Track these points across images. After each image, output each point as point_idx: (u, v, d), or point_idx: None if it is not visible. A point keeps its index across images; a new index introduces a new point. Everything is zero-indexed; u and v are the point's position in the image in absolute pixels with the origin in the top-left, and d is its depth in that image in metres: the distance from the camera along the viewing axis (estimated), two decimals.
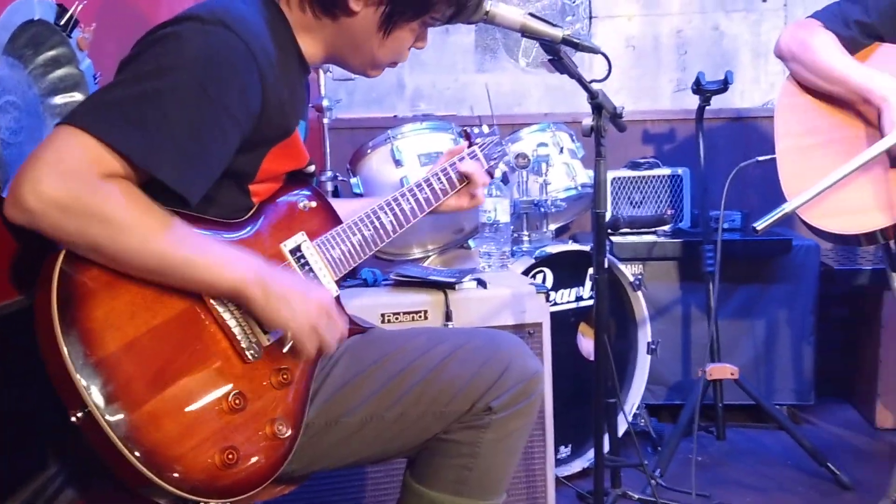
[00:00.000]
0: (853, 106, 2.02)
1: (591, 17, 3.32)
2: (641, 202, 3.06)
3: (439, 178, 1.59)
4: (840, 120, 2.04)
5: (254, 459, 1.17)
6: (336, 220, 1.44)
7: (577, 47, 1.57)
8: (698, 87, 2.77)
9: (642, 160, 3.08)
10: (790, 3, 3.23)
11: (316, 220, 1.38)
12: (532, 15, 1.52)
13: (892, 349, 2.84)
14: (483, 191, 1.63)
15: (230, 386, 1.17)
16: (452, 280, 1.99)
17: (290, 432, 1.22)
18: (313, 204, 1.39)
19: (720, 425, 2.75)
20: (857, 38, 2.03)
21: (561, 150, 2.69)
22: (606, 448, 2.23)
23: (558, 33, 1.55)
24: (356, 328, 1.43)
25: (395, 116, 3.25)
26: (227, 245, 1.22)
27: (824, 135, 2.05)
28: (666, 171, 3.04)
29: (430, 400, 1.35)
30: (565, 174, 2.66)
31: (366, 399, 1.34)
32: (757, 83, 3.27)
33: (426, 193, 1.57)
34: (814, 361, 2.95)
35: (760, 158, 2.34)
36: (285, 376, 1.23)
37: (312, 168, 1.42)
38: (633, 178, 3.05)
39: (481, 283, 2.03)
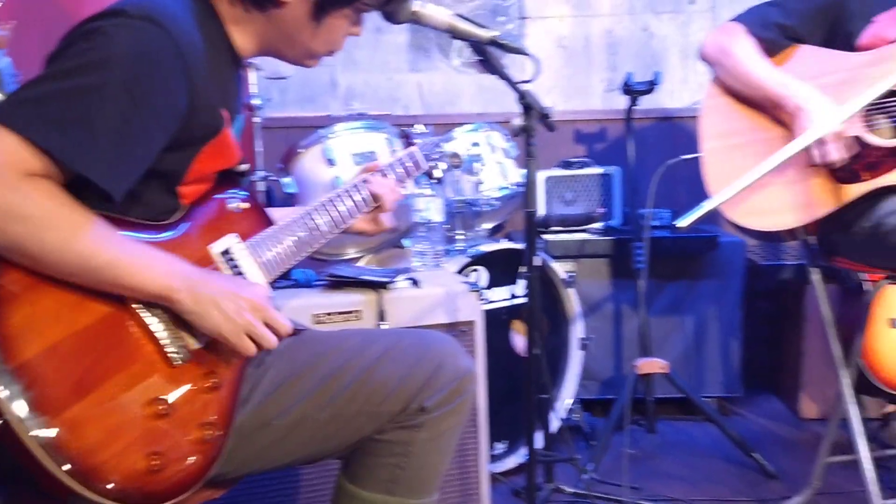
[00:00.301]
0: (771, 110, 2.09)
1: (522, 18, 3.35)
2: (574, 201, 3.10)
3: (358, 191, 1.56)
4: (762, 121, 2.10)
5: (180, 464, 1.16)
6: (269, 221, 1.43)
7: (505, 48, 1.59)
8: (627, 88, 2.83)
9: (574, 159, 3.12)
10: (717, 4, 3.32)
11: (248, 222, 1.36)
12: (460, 16, 1.53)
13: (814, 342, 2.94)
14: (389, 217, 1.60)
15: (155, 391, 1.15)
16: (385, 279, 1.99)
17: (218, 436, 1.20)
18: (245, 205, 1.38)
19: (651, 419, 2.81)
20: (777, 40, 2.09)
21: (494, 150, 2.71)
22: (541, 444, 2.27)
23: (485, 34, 1.56)
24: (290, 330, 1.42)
25: (328, 115, 3.23)
26: (155, 248, 1.19)
27: (747, 135, 2.11)
28: (597, 170, 3.09)
29: (363, 400, 1.35)
30: (498, 173, 2.68)
31: (298, 401, 1.33)
32: (686, 83, 3.34)
33: (364, 193, 1.56)
34: (741, 355, 3.04)
35: (686, 157, 2.40)
36: (214, 380, 1.22)
37: (245, 167, 1.40)
38: (566, 177, 3.09)
39: (414, 283, 2.04)
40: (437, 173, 1.73)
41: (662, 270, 2.96)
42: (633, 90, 2.84)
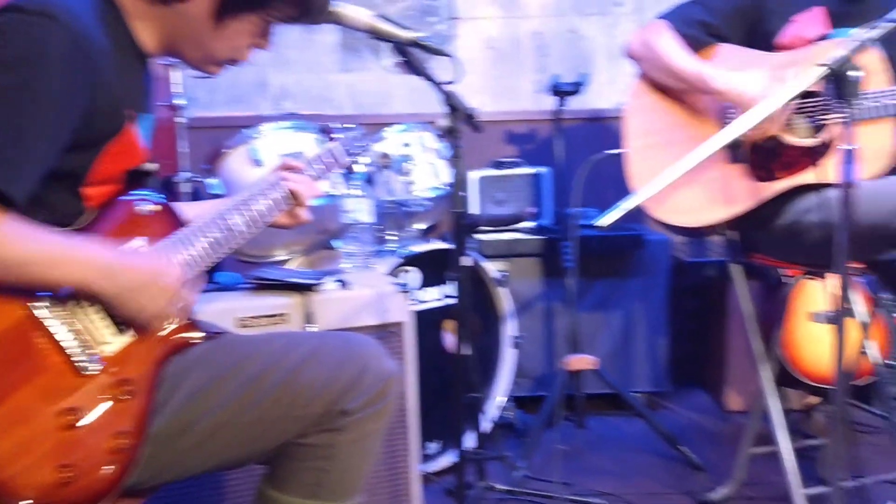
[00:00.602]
0: (697, 104, 2.13)
1: (453, 18, 3.36)
2: (505, 201, 3.13)
3: (274, 190, 1.54)
4: (685, 120, 2.15)
5: (94, 475, 1.13)
6: (181, 223, 1.40)
7: (427, 50, 1.59)
8: (555, 89, 2.87)
9: (505, 160, 3.15)
10: (643, 6, 3.38)
11: (158, 225, 1.33)
12: (381, 17, 1.53)
13: (739, 337, 3.02)
14: (307, 213, 1.59)
15: (65, 402, 1.12)
16: (312, 281, 1.97)
17: (133, 444, 1.18)
18: (155, 207, 1.34)
19: (581, 414, 2.84)
20: (700, 37, 2.14)
21: (425, 150, 2.70)
22: (473, 443, 2.29)
23: (407, 35, 1.56)
24: (208, 335, 1.39)
25: (257, 115, 3.19)
26: (71, 238, 1.17)
27: (670, 134, 2.15)
28: (528, 170, 3.12)
29: (285, 404, 1.33)
30: (430, 173, 2.68)
31: (218, 406, 1.31)
32: (613, 84, 3.39)
33: (282, 191, 1.55)
34: (668, 350, 3.11)
35: (611, 152, 2.43)
36: (127, 388, 1.19)
37: (152, 166, 1.36)
38: (497, 177, 3.12)
39: (343, 284, 2.03)
40: (357, 168, 1.71)
41: (591, 268, 3.00)
42: (560, 91, 2.88)
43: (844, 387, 2.53)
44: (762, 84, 1.96)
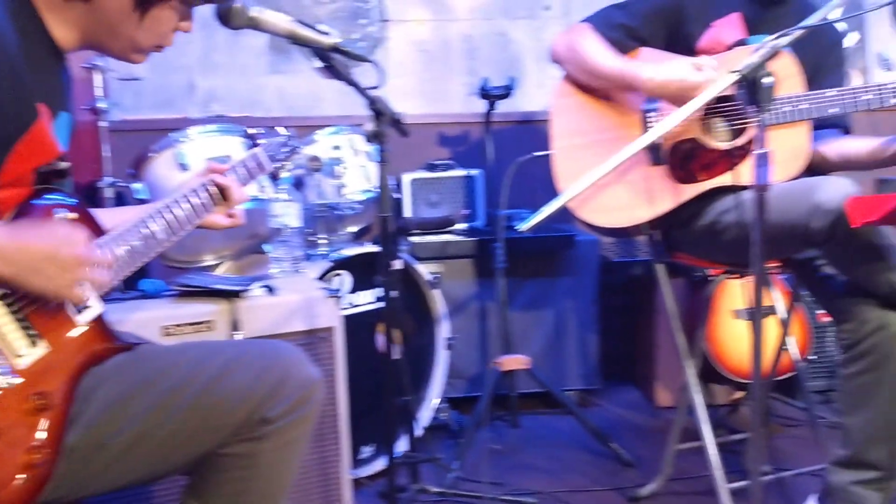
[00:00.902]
0: (622, 103, 2.17)
1: (383, 21, 3.36)
2: (438, 203, 3.14)
3: (197, 194, 1.54)
4: (609, 121, 2.19)
5: (6, 490, 1.10)
6: (99, 231, 1.37)
7: (347, 56, 1.59)
8: (484, 92, 2.90)
9: (438, 162, 3.16)
10: (571, 10, 3.43)
11: None
12: (300, 22, 1.52)
13: (667, 334, 3.08)
14: (240, 211, 1.59)
15: None
16: (239, 288, 1.95)
17: (48, 459, 1.15)
18: (72, 214, 1.31)
19: (514, 414, 2.87)
20: (623, 40, 2.18)
21: (356, 153, 2.70)
22: (406, 445, 2.29)
23: (327, 41, 1.56)
24: (124, 346, 1.36)
25: (185, 118, 3.15)
26: None
27: (594, 135, 2.19)
28: (460, 172, 3.14)
29: (204, 415, 1.31)
30: (361, 176, 2.68)
31: (135, 418, 1.28)
32: (542, 87, 3.43)
33: (203, 197, 1.53)
34: (599, 348, 3.16)
35: (538, 153, 2.47)
36: (41, 401, 1.16)
37: (65, 165, 1.32)
38: (430, 179, 3.13)
39: (270, 290, 2.01)
40: (283, 174, 1.71)
41: (523, 269, 3.04)
42: (489, 94, 2.91)
43: (762, 382, 2.61)
44: (683, 70, 2.01)
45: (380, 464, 2.54)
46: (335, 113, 3.29)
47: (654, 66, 2.06)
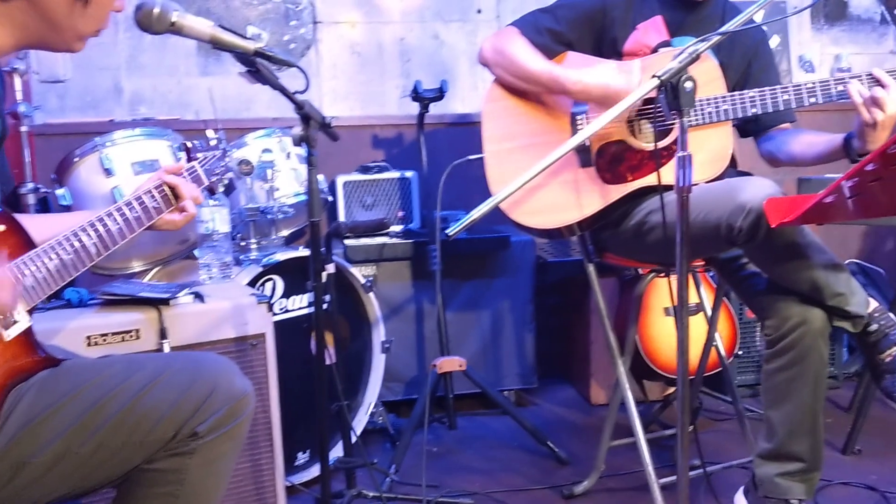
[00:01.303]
0: (550, 105, 2.19)
1: (315, 23, 3.34)
2: (373, 205, 3.13)
3: (152, 196, 1.52)
4: (539, 124, 2.21)
5: None
6: (28, 243, 1.33)
7: (272, 60, 1.57)
8: (416, 95, 2.90)
9: (372, 164, 3.15)
10: (502, 13, 3.45)
11: (2, 246, 1.27)
12: (222, 27, 1.50)
13: (601, 332, 3.12)
14: (192, 203, 1.58)
15: None
16: (166, 296, 1.91)
17: None
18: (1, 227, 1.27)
19: (451, 415, 2.88)
20: (550, 45, 2.20)
21: (288, 156, 2.67)
22: (342, 450, 2.28)
23: (250, 46, 1.54)
24: (50, 361, 1.32)
25: (111, 121, 3.07)
26: None
27: (525, 138, 2.20)
28: (395, 174, 3.14)
29: (129, 430, 1.28)
30: (293, 179, 2.65)
31: (57, 435, 1.25)
32: (475, 90, 3.45)
33: (137, 212, 1.50)
34: (535, 347, 3.19)
35: (471, 157, 2.48)
36: None
37: None
38: (364, 181, 3.11)
39: (199, 297, 1.98)
40: (220, 189, 1.68)
41: (459, 270, 3.05)
42: (422, 97, 2.91)
43: (690, 378, 2.67)
44: (607, 76, 2.04)
45: (315, 470, 2.52)
46: (267, 115, 3.26)
47: (579, 71, 2.09)
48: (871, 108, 1.83)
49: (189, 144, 1.72)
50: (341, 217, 3.07)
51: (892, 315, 1.93)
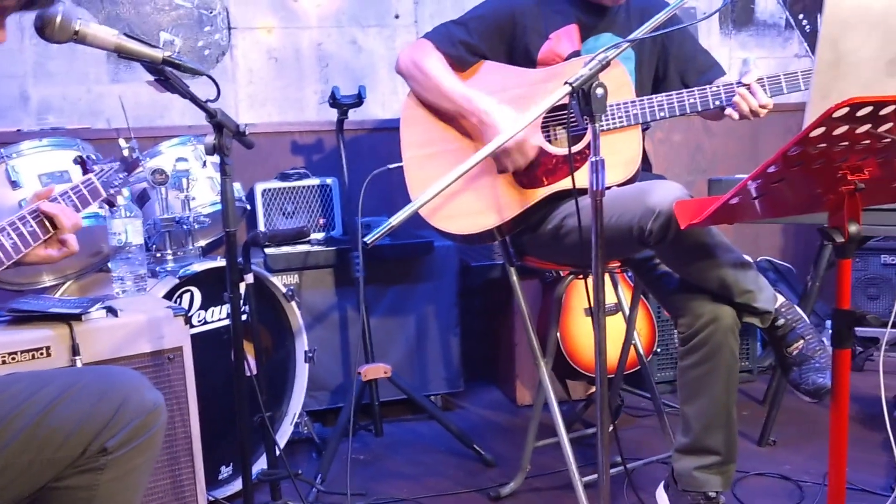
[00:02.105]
0: (459, 121, 2.21)
1: (229, 28, 3.29)
2: (294, 213, 3.10)
3: (27, 222, 1.46)
4: (454, 132, 2.22)
5: None
6: None
7: (180, 69, 1.54)
8: (334, 101, 2.88)
9: (291, 171, 3.12)
10: (420, 19, 3.46)
11: None
12: (128, 35, 1.47)
13: (525, 334, 3.16)
14: (73, 238, 1.51)
15: None
16: (78, 311, 1.86)
17: None
18: None
19: (377, 422, 2.87)
20: (464, 56, 2.22)
21: (204, 164, 2.63)
22: (266, 462, 2.25)
23: (158, 54, 1.51)
24: None
25: (18, 131, 2.97)
26: None
27: (441, 145, 2.22)
28: (315, 181, 3.11)
29: (36, 448, 1.25)
30: (210, 188, 2.61)
31: None
32: (395, 95, 3.45)
33: (12, 239, 1.44)
34: (460, 351, 3.21)
35: (391, 166, 2.48)
36: None
37: None
38: (284, 188, 3.08)
39: (112, 312, 1.92)
40: (120, 200, 1.64)
41: (383, 276, 3.05)
42: (340, 104, 2.90)
43: (610, 377, 2.72)
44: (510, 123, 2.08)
45: (239, 483, 2.48)
46: (182, 122, 3.20)
47: (490, 108, 2.11)
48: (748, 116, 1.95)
49: (83, 157, 1.68)
50: (261, 226, 3.03)
51: (798, 309, 2.00)
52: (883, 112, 1.30)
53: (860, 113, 1.28)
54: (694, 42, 2.35)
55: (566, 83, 1.55)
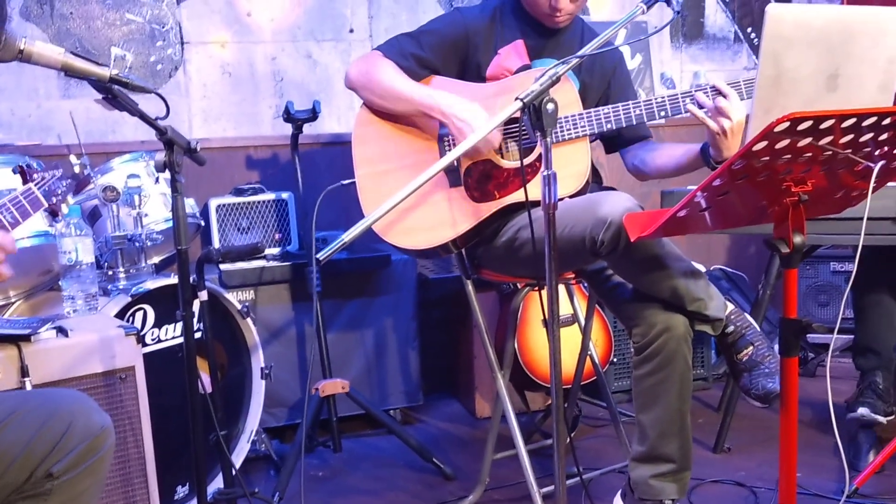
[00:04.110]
0: (420, 127, 2.22)
1: (182, 43, 3.26)
2: (249, 228, 3.07)
3: None
4: (409, 147, 2.23)
5: None
6: None
7: (128, 87, 1.53)
8: (289, 116, 2.87)
9: (246, 186, 3.09)
10: (375, 33, 3.47)
11: None
12: (75, 54, 1.45)
13: (483, 346, 3.17)
14: (7, 267, 1.46)
15: None
16: (27, 331, 1.82)
17: None
18: None
19: (336, 438, 2.85)
20: (415, 69, 2.23)
21: (157, 181, 2.60)
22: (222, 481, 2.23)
23: (105, 72, 1.49)
24: None
25: None
26: None
27: (396, 161, 2.22)
28: (270, 196, 3.09)
29: None
30: (162, 205, 2.58)
31: None
32: (352, 109, 3.45)
33: None
34: (419, 364, 3.20)
35: (345, 182, 2.48)
36: None
37: None
38: (239, 204, 3.05)
39: (62, 332, 1.89)
40: (64, 209, 1.61)
41: (340, 290, 3.04)
42: (294, 118, 2.89)
43: (567, 388, 2.74)
44: (476, 111, 2.09)
45: (195, 503, 2.45)
46: (135, 138, 3.16)
47: (450, 100, 2.12)
48: (717, 118, 1.94)
49: (23, 166, 1.64)
50: (216, 242, 3.00)
51: (747, 316, 2.04)
52: (823, 126, 1.34)
53: (801, 127, 1.31)
54: (633, 94, 2.37)
55: (517, 99, 1.57)
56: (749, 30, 4.13)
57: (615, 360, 3.16)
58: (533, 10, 2.22)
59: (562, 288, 2.68)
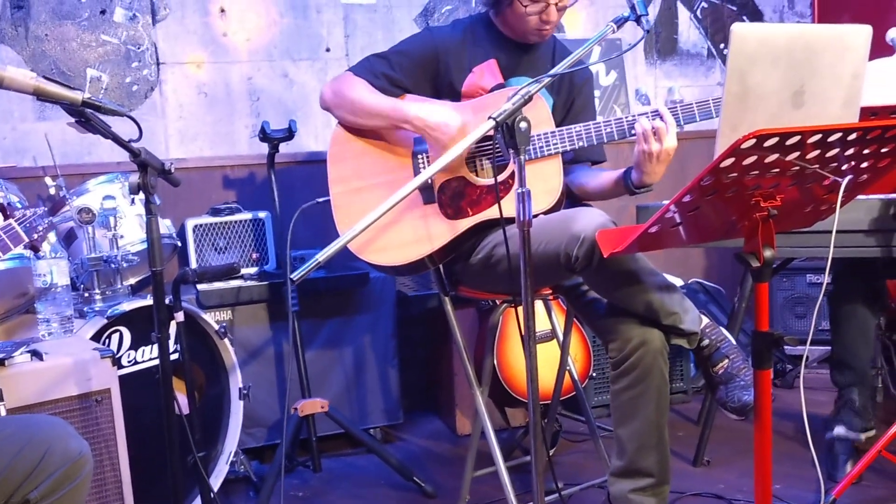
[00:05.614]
0: (394, 144, 2.23)
1: (158, 64, 3.26)
2: (226, 248, 3.06)
3: None
4: (384, 165, 2.24)
5: None
6: None
7: (101, 111, 1.53)
8: (265, 136, 2.88)
9: (223, 206, 3.08)
10: (351, 52, 3.49)
11: None
12: (47, 78, 1.45)
13: (462, 363, 3.17)
14: None
15: None
16: (0, 356, 1.81)
17: None
18: None
19: (315, 457, 2.84)
20: (387, 88, 2.24)
21: (133, 202, 2.59)
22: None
23: (77, 97, 1.49)
24: None
25: None
26: None
27: (370, 179, 2.23)
28: (247, 215, 3.08)
29: None
30: (138, 226, 2.57)
31: None
32: (329, 127, 3.43)
33: None
34: (399, 381, 3.20)
35: (320, 200, 2.48)
36: None
37: None
38: (216, 223, 3.04)
39: (37, 355, 1.88)
40: (45, 246, 1.61)
41: (318, 309, 3.03)
42: (270, 138, 2.89)
43: (545, 403, 2.75)
44: (447, 114, 2.11)
45: None
46: (110, 159, 3.15)
47: (419, 105, 2.14)
48: (649, 138, 1.97)
49: (3, 204, 1.65)
50: (193, 262, 2.99)
51: (722, 329, 2.06)
52: (789, 142, 1.36)
53: (767, 143, 1.34)
54: (593, 115, 2.39)
55: (490, 118, 1.59)
56: (722, 46, 4.19)
57: (594, 374, 3.17)
58: (516, 29, 2.23)
59: (540, 303, 2.69)
